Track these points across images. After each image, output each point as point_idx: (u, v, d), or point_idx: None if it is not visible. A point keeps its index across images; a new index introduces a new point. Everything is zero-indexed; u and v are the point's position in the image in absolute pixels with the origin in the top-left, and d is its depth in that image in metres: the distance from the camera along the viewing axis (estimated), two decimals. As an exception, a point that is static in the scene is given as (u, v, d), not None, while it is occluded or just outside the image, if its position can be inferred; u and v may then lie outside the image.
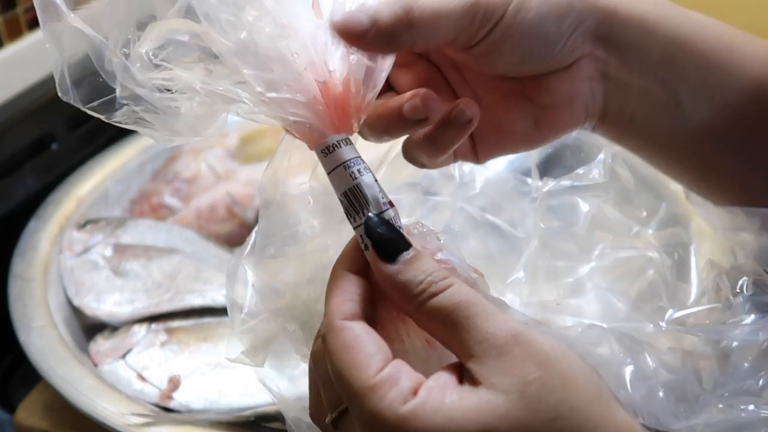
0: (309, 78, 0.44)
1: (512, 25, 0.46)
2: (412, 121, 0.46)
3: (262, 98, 0.43)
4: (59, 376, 0.73)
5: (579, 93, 0.50)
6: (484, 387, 0.38)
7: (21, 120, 0.96)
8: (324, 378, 0.42)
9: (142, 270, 0.85)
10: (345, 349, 0.39)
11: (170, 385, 0.74)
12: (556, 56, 0.48)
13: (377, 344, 0.40)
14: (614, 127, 0.52)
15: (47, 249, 0.88)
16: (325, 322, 0.41)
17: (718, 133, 0.50)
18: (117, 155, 1.01)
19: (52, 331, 0.78)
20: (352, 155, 0.44)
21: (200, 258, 0.87)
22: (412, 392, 0.38)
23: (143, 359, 0.77)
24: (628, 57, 0.49)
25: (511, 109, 0.51)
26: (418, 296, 0.40)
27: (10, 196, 0.96)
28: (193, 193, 0.98)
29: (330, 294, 0.42)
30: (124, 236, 0.89)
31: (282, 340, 0.49)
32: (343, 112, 0.44)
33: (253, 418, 0.70)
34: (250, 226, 0.91)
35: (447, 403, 0.37)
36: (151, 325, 0.80)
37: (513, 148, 0.52)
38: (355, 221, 0.43)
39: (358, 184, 0.43)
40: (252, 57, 0.43)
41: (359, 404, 0.38)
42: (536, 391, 0.37)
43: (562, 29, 0.47)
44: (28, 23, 0.98)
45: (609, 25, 0.48)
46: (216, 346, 0.77)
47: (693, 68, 0.49)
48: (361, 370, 0.39)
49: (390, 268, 0.41)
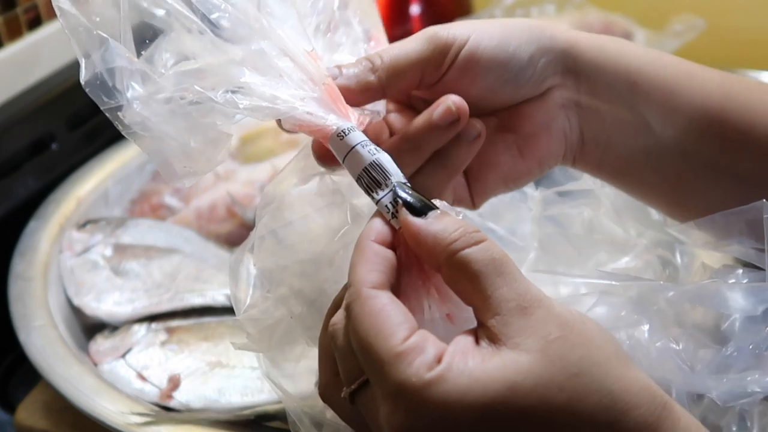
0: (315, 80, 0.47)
1: (475, 52, 0.50)
2: (443, 126, 0.48)
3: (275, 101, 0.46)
4: (59, 376, 0.73)
5: (555, 120, 0.52)
6: (507, 347, 0.39)
7: (21, 120, 0.96)
8: (343, 350, 0.42)
9: (142, 270, 0.85)
10: (372, 316, 0.40)
11: (170, 385, 0.74)
12: (528, 83, 0.51)
13: (404, 314, 0.40)
14: (592, 155, 0.54)
15: (47, 249, 0.88)
16: (351, 290, 0.41)
17: (689, 152, 0.52)
18: (117, 155, 1.01)
19: (52, 330, 0.78)
20: (364, 138, 0.46)
21: (200, 258, 0.87)
22: (437, 360, 0.39)
23: (143, 359, 0.77)
24: (594, 85, 0.51)
25: (495, 143, 0.52)
26: (450, 244, 0.41)
27: (10, 196, 0.96)
28: (193, 193, 0.98)
29: (356, 263, 0.42)
30: (124, 236, 0.89)
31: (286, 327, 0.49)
32: (344, 106, 0.48)
33: (253, 417, 0.70)
34: (250, 226, 0.91)
35: (471, 365, 0.38)
36: (151, 325, 0.80)
37: (504, 183, 0.54)
38: (377, 194, 0.44)
39: (378, 158, 0.45)
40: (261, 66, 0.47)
41: (385, 372, 0.38)
42: (558, 349, 0.38)
43: (527, 56, 0.50)
44: (28, 23, 0.98)
45: (573, 57, 0.51)
46: (216, 346, 0.77)
47: (655, 93, 0.51)
48: (388, 338, 0.39)
49: (423, 221, 0.42)
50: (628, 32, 1.15)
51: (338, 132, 0.46)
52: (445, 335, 0.41)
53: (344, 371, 0.42)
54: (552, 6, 1.21)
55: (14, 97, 0.97)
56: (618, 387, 0.39)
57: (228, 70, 0.46)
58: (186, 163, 0.46)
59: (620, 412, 0.38)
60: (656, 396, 0.40)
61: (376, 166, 0.45)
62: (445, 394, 0.38)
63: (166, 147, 0.46)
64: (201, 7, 0.46)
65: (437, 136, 0.49)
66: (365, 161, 0.45)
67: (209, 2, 0.47)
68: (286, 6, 0.49)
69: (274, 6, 0.48)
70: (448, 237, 0.41)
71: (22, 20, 0.97)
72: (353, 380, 0.42)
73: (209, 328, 0.80)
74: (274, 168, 0.97)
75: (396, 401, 0.38)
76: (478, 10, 1.26)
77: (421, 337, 0.39)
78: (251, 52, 0.46)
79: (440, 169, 0.50)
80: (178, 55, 0.46)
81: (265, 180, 0.96)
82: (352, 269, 0.42)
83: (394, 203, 0.44)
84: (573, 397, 0.38)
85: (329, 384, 0.44)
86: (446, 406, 0.37)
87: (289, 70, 0.47)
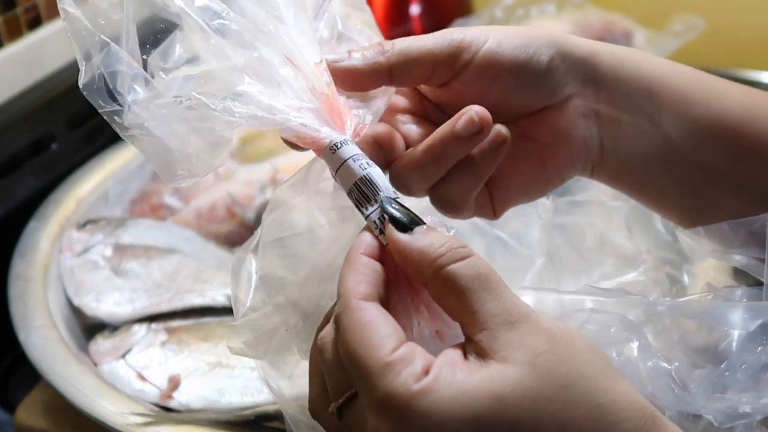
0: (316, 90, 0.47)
1: (491, 56, 0.49)
2: (466, 137, 0.47)
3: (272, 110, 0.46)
4: (59, 376, 0.73)
5: (576, 128, 0.52)
6: (494, 360, 0.39)
7: (21, 120, 0.96)
8: (331, 363, 0.42)
9: (142, 270, 0.85)
10: (361, 327, 0.40)
11: (170, 385, 0.74)
12: (546, 88, 0.51)
13: (392, 325, 0.40)
14: (611, 165, 0.53)
15: (47, 249, 0.88)
16: (340, 302, 0.41)
17: (706, 163, 0.52)
18: (117, 155, 1.01)
19: (52, 330, 0.78)
20: (357, 151, 0.46)
21: (200, 258, 0.87)
22: (425, 371, 0.38)
23: (143, 359, 0.77)
24: (614, 95, 0.51)
25: (517, 151, 0.52)
26: (436, 260, 0.41)
27: (10, 196, 0.96)
28: (193, 193, 0.98)
29: (345, 275, 0.42)
30: (124, 236, 0.89)
31: (283, 334, 0.49)
32: (341, 118, 0.47)
33: (253, 417, 0.70)
34: (250, 226, 0.92)
35: (459, 377, 0.38)
36: (151, 325, 0.80)
37: (525, 192, 0.54)
38: (367, 209, 0.44)
39: (368, 174, 0.45)
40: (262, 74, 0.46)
41: (373, 383, 0.38)
42: (546, 362, 0.38)
43: (545, 62, 0.50)
44: (28, 23, 0.98)
45: (593, 66, 0.51)
46: (216, 346, 0.77)
47: (673, 103, 0.51)
48: (376, 349, 0.39)
49: (408, 236, 0.42)
50: (628, 32, 1.15)
51: (331, 145, 0.46)
52: (435, 352, 0.40)
53: (332, 385, 0.42)
54: (552, 6, 1.21)
55: (14, 97, 0.97)
56: (606, 400, 0.39)
57: (229, 76, 0.46)
58: (185, 166, 0.46)
59: (609, 424, 0.38)
60: (645, 410, 0.40)
61: (366, 180, 0.45)
62: (432, 405, 0.37)
63: (164, 150, 0.46)
64: (210, 10, 0.46)
65: (460, 146, 0.48)
66: (356, 176, 0.45)
67: (219, 4, 0.47)
68: (298, 12, 0.49)
69: (285, 12, 0.48)
70: (433, 252, 0.41)
71: (22, 20, 0.97)
72: (341, 394, 0.41)
73: (209, 328, 0.80)
74: (274, 168, 0.97)
75: (383, 412, 0.38)
76: (478, 10, 1.26)
77: (409, 349, 0.39)
78: (252, 59, 0.46)
79: (465, 178, 0.50)
80: (190, 53, 0.46)
81: (266, 180, 0.96)
82: (341, 280, 0.42)
83: (382, 219, 0.44)
84: (561, 410, 0.38)
85: (318, 399, 0.44)
86: (433, 417, 0.37)
87: (289, 78, 0.47)
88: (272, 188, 0.95)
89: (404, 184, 0.49)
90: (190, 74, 0.46)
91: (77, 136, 1.04)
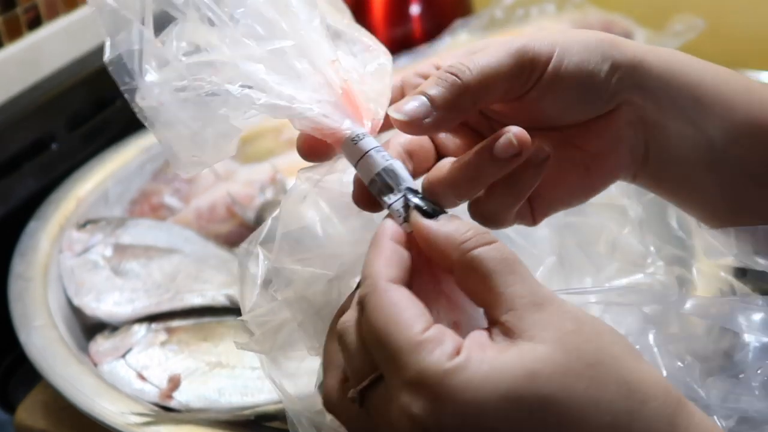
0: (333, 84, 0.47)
1: (558, 70, 0.48)
2: (503, 159, 0.46)
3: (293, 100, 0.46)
4: (59, 376, 0.73)
5: (624, 137, 0.51)
6: (522, 339, 0.39)
7: (21, 120, 0.96)
8: (354, 347, 0.42)
9: (142, 270, 0.85)
10: (390, 307, 0.40)
11: (170, 385, 0.74)
12: (600, 100, 0.50)
13: (421, 308, 0.40)
14: (653, 171, 0.53)
15: (47, 249, 0.88)
16: (367, 283, 0.42)
17: (749, 168, 0.52)
18: (117, 155, 1.01)
19: (52, 331, 0.78)
20: (377, 144, 0.47)
21: (200, 258, 0.87)
22: (456, 351, 0.39)
23: (143, 359, 0.77)
24: (660, 101, 0.51)
25: (561, 160, 0.51)
26: (462, 244, 0.41)
27: (10, 196, 0.96)
28: (193, 193, 0.98)
29: (373, 259, 0.42)
30: (124, 236, 0.89)
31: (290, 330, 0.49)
32: (358, 112, 0.48)
33: (252, 417, 0.70)
34: (250, 226, 0.92)
35: (489, 355, 0.38)
36: (151, 325, 0.80)
37: (567, 201, 0.53)
38: (390, 199, 0.45)
39: (391, 164, 0.46)
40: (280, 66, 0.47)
41: (404, 361, 0.38)
42: (574, 341, 0.39)
43: (603, 73, 0.49)
44: (28, 23, 0.98)
45: (641, 73, 0.50)
46: (216, 346, 0.77)
47: (718, 108, 0.51)
48: (407, 328, 0.39)
49: (434, 222, 0.43)
50: (628, 32, 1.15)
51: (352, 137, 0.47)
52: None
53: (354, 370, 0.42)
54: (552, 5, 1.21)
55: (14, 97, 0.97)
56: (634, 378, 0.39)
57: (246, 64, 0.46)
58: (194, 152, 0.46)
59: (638, 402, 0.38)
60: (670, 391, 0.40)
61: (389, 171, 0.45)
62: (465, 382, 0.38)
63: (176, 134, 0.46)
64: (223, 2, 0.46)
65: (496, 168, 0.47)
66: (379, 166, 0.45)
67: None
68: (311, 9, 0.49)
69: (299, 8, 0.48)
70: (460, 237, 0.42)
71: (22, 20, 0.97)
72: (364, 377, 0.41)
73: (209, 328, 0.80)
74: (274, 168, 0.97)
75: (416, 390, 0.38)
76: (478, 10, 1.26)
77: (439, 330, 0.39)
78: (271, 51, 0.47)
79: (506, 195, 0.49)
80: (191, 45, 0.46)
81: (266, 180, 0.96)
82: (368, 264, 0.42)
83: (406, 208, 0.44)
84: (591, 386, 0.38)
85: (334, 390, 0.44)
86: (467, 393, 0.37)
87: (306, 72, 0.47)
88: (272, 188, 0.95)
89: (436, 197, 0.47)
90: (208, 60, 0.46)
91: (77, 136, 1.04)
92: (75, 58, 1.04)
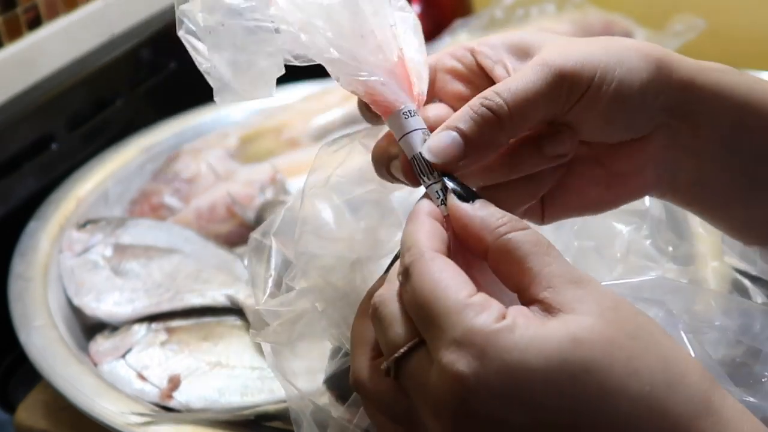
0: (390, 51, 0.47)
1: (597, 95, 0.47)
2: (549, 157, 0.48)
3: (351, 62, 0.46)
4: (59, 376, 0.73)
5: (653, 161, 0.50)
6: (564, 312, 0.39)
7: (21, 120, 0.96)
8: (391, 318, 0.42)
9: (142, 270, 0.85)
10: (438, 272, 0.41)
11: (170, 385, 0.74)
12: (638, 125, 0.49)
13: (465, 276, 0.41)
14: (682, 193, 0.52)
15: (47, 249, 0.88)
16: (413, 251, 0.42)
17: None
18: (117, 155, 1.01)
19: (52, 330, 0.78)
20: (423, 124, 0.47)
21: (200, 258, 0.87)
22: (501, 316, 0.39)
23: (143, 358, 0.77)
24: (700, 125, 0.49)
25: (584, 175, 0.51)
26: (498, 227, 0.42)
27: (10, 196, 0.96)
28: (193, 193, 0.98)
29: (415, 231, 0.43)
30: (124, 236, 0.89)
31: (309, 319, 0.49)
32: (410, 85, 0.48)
33: (252, 417, 0.70)
34: (250, 226, 0.91)
35: (535, 322, 0.39)
36: (151, 325, 0.80)
37: (581, 211, 0.53)
38: (429, 179, 0.46)
39: None
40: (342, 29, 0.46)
41: (453, 321, 0.39)
42: (615, 315, 0.39)
43: (644, 99, 0.47)
44: (28, 23, 0.98)
45: (687, 99, 0.48)
46: (216, 346, 0.77)
47: (762, 129, 0.49)
48: (456, 291, 0.40)
49: (470, 206, 0.43)
50: (628, 32, 1.15)
51: (405, 110, 0.47)
52: None
53: (390, 341, 0.42)
54: (552, 5, 1.21)
55: (14, 97, 0.97)
56: (672, 355, 0.40)
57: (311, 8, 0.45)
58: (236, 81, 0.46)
59: (676, 375, 0.39)
60: (704, 371, 0.40)
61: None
62: (511, 342, 0.38)
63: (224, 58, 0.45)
64: None
65: (536, 162, 0.48)
66: (419, 147, 0.46)
67: None
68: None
69: None
70: (496, 221, 0.42)
71: (22, 20, 0.97)
72: (401, 345, 0.41)
73: (209, 328, 0.80)
74: (274, 168, 0.97)
75: (462, 347, 0.38)
76: (478, 10, 1.26)
77: (484, 297, 0.40)
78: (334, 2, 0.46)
79: (526, 187, 0.50)
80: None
81: (266, 180, 0.96)
82: (409, 236, 0.43)
83: (444, 191, 0.45)
84: (633, 356, 0.38)
85: (364, 369, 0.44)
86: (513, 353, 0.38)
87: (367, 33, 0.46)
88: (272, 188, 0.95)
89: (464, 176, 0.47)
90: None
91: (77, 136, 1.04)
92: (75, 58, 1.04)
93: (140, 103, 1.12)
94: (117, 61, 1.08)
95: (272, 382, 0.72)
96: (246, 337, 0.78)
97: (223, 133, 1.04)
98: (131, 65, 1.10)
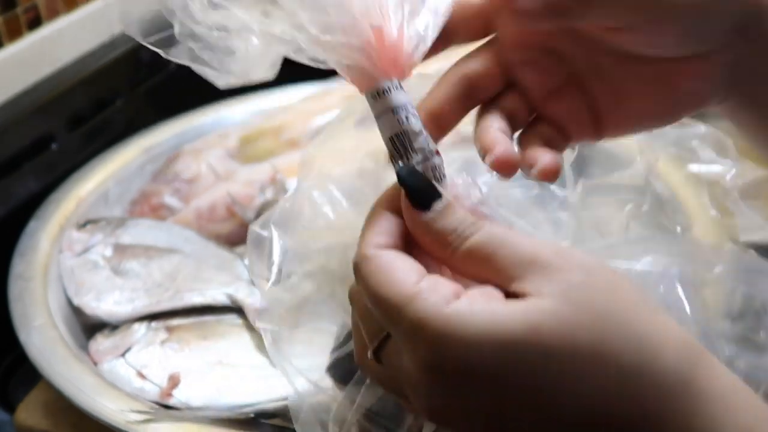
0: (364, 23, 0.43)
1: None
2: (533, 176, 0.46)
3: (317, 41, 0.43)
4: (59, 375, 0.73)
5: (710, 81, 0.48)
6: (531, 296, 0.38)
7: (21, 120, 0.96)
8: (362, 312, 0.43)
9: (142, 269, 0.85)
10: (378, 270, 0.40)
11: (170, 383, 0.74)
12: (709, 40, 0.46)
13: (410, 263, 0.40)
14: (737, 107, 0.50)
15: (47, 249, 0.88)
16: (356, 253, 0.42)
17: None
18: (117, 155, 1.01)
19: (52, 330, 0.78)
20: (401, 101, 0.44)
21: (200, 258, 0.87)
22: (455, 296, 0.38)
23: (143, 357, 0.77)
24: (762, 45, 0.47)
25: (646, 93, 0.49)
26: (452, 243, 0.41)
27: (10, 196, 0.96)
28: (193, 193, 0.98)
29: (364, 228, 0.43)
30: (124, 236, 0.89)
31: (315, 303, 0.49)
32: (396, 57, 0.44)
33: (253, 415, 0.70)
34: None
35: (493, 305, 0.38)
36: (151, 324, 0.80)
37: (642, 125, 0.51)
38: (398, 165, 0.43)
39: (405, 131, 0.43)
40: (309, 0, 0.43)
41: (402, 315, 0.38)
42: (582, 293, 0.38)
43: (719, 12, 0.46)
44: (28, 23, 0.98)
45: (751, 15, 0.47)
46: (216, 344, 0.77)
47: None
48: (399, 284, 0.39)
49: (423, 217, 0.42)
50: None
51: (374, 91, 0.44)
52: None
53: (366, 333, 0.43)
54: (551, 6, 1.20)
55: (14, 97, 0.97)
56: (647, 330, 0.38)
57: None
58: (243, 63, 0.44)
59: (649, 355, 0.37)
60: (690, 344, 0.39)
61: (402, 137, 0.43)
62: (463, 326, 0.37)
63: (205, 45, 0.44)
64: None
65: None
66: (392, 131, 0.44)
67: None
68: None
69: None
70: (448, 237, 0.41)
71: (22, 20, 0.97)
72: (375, 338, 0.42)
73: (209, 326, 0.80)
74: (274, 168, 0.97)
75: (415, 338, 0.38)
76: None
77: (432, 279, 0.39)
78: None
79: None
80: None
81: (266, 180, 0.96)
82: (360, 235, 0.43)
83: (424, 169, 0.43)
84: (597, 339, 0.37)
85: (360, 354, 0.44)
86: (466, 339, 0.37)
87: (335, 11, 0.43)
88: (272, 188, 0.95)
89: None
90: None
91: (77, 136, 1.04)
92: (75, 58, 1.04)
93: (140, 103, 1.12)
94: (117, 61, 1.08)
95: (272, 381, 0.72)
96: (246, 336, 0.78)
97: (224, 134, 1.04)
98: (131, 65, 1.10)
